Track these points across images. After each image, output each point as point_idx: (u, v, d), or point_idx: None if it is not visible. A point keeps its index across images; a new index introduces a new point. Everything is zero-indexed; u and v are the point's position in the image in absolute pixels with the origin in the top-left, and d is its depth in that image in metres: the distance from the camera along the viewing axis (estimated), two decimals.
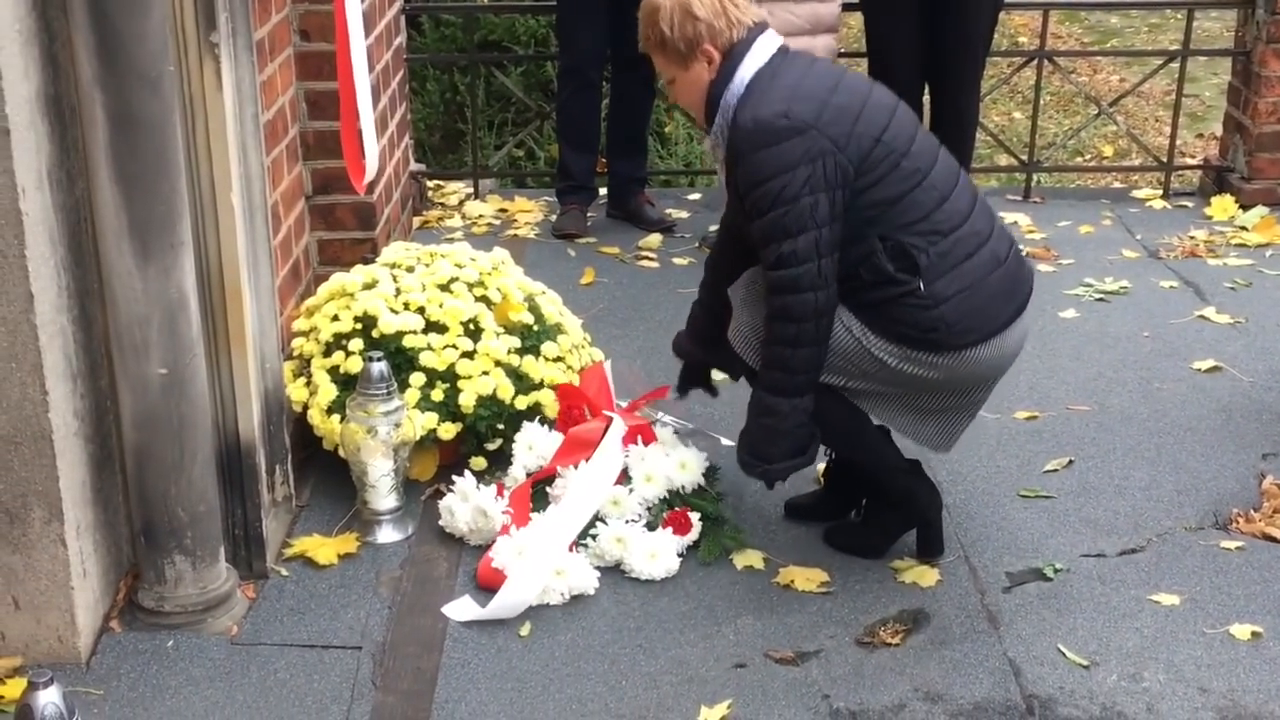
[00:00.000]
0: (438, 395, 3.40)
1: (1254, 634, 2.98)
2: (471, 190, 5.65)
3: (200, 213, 2.90)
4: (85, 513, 2.81)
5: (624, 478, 3.32)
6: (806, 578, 3.18)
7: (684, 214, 5.46)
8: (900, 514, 3.25)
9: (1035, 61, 5.73)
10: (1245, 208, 5.36)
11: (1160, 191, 5.69)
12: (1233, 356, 4.22)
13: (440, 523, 3.33)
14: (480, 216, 5.40)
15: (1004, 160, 6.04)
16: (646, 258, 5.04)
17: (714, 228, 5.17)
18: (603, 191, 5.43)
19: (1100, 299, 4.67)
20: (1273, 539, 3.31)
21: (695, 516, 3.27)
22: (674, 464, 3.35)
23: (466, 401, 3.39)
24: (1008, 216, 5.39)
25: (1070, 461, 3.65)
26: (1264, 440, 3.74)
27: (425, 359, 3.40)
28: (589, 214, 5.31)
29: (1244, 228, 5.23)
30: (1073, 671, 2.88)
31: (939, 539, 3.24)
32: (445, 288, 3.52)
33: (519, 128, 6.40)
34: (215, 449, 3.00)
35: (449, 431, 3.41)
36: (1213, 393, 4.01)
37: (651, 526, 3.25)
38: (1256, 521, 3.36)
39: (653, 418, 3.54)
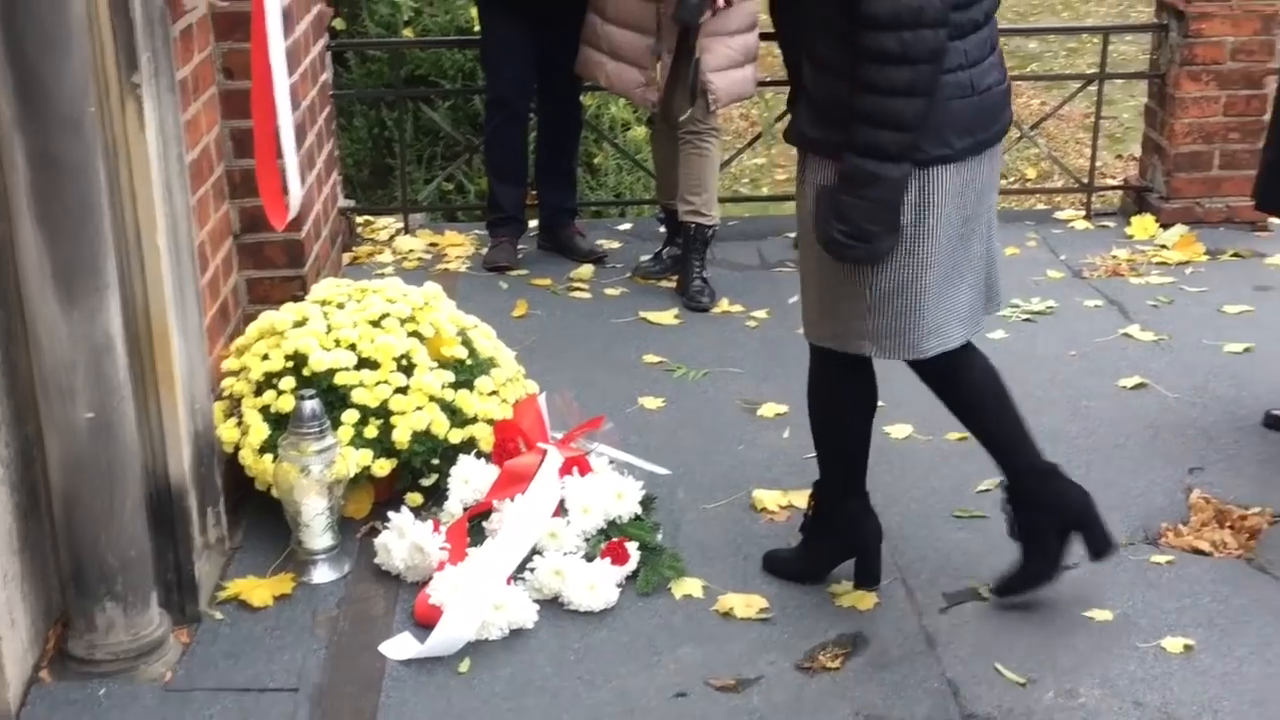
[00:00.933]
0: (371, 432, 3.37)
1: (1186, 647, 3.02)
2: (402, 225, 5.64)
3: (126, 254, 2.87)
4: (12, 561, 2.76)
5: (561, 510, 3.32)
6: (745, 604, 3.18)
7: (615, 244, 5.47)
8: (840, 541, 3.24)
9: None
10: (1165, 226, 5.45)
11: (1083, 212, 5.78)
12: (1158, 373, 4.29)
13: (376, 560, 3.31)
14: (411, 251, 5.38)
15: None
16: (578, 289, 5.04)
17: (645, 257, 5.20)
18: (533, 223, 5.43)
19: (1027, 319, 4.73)
20: (1201, 552, 3.36)
21: (633, 547, 3.27)
22: (610, 495, 3.35)
23: (401, 437, 3.37)
24: None
25: (1003, 480, 3.68)
26: (1190, 455, 3.80)
27: (358, 396, 3.38)
28: (520, 246, 5.31)
29: (1164, 246, 5.32)
30: (1010, 690, 2.90)
31: (877, 569, 3.24)
32: (377, 324, 3.51)
33: (448, 162, 6.39)
34: (145, 493, 2.96)
35: (384, 468, 3.39)
36: (1139, 410, 4.07)
37: (589, 558, 3.25)
38: (1185, 535, 3.41)
39: (588, 449, 3.53)
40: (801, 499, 3.57)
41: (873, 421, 3.19)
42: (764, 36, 5.06)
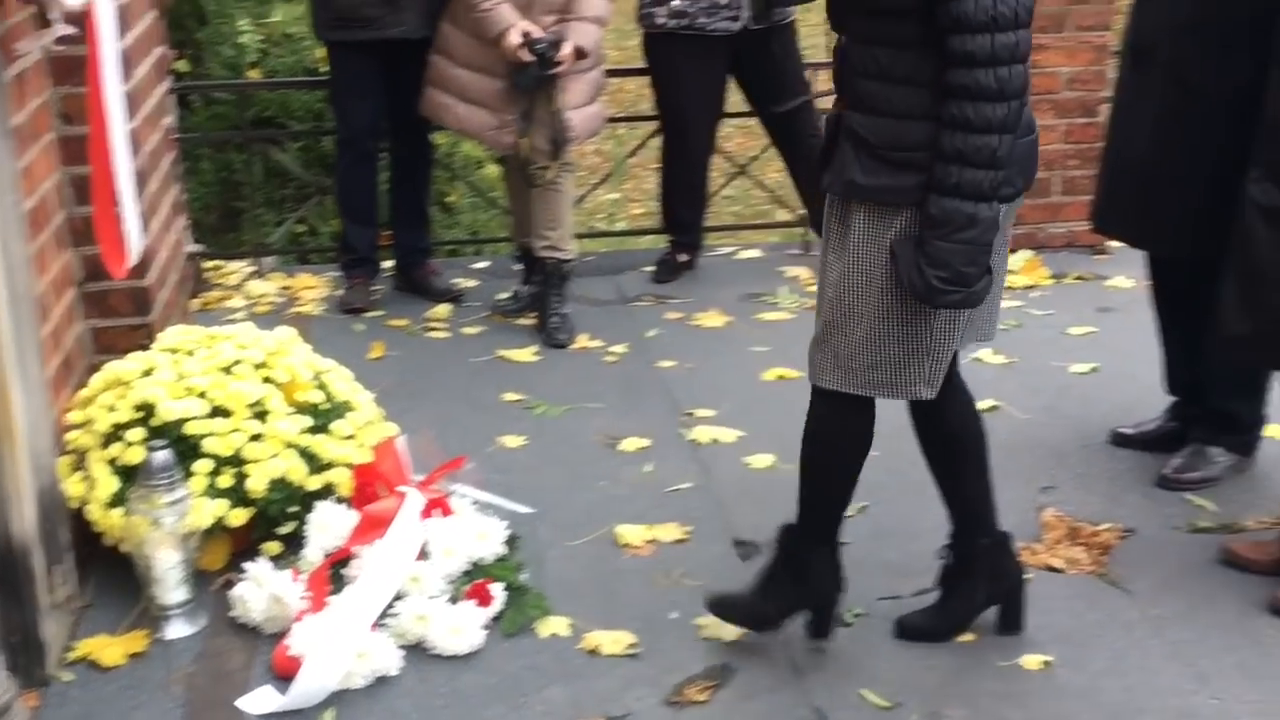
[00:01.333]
0: (225, 481, 3.30)
1: (1044, 663, 3.07)
2: (253, 269, 5.55)
3: None
4: None
5: (423, 553, 3.27)
6: (612, 640, 3.16)
7: (471, 283, 5.44)
8: (801, 591, 3.09)
9: None
10: (1011, 251, 5.58)
11: None
12: (1009, 395, 4.38)
13: (233, 613, 3.23)
14: (263, 295, 5.30)
15: (782, 215, 6.18)
16: (436, 329, 5.00)
17: (503, 295, 5.18)
18: (388, 264, 5.39)
19: None
20: (1055, 569, 3.43)
21: (497, 587, 3.24)
22: (473, 536, 3.32)
23: (256, 486, 3.30)
24: (788, 271, 5.53)
25: (864, 507, 3.73)
26: (1042, 474, 3.88)
27: (210, 445, 3.31)
28: (375, 287, 5.26)
29: (1011, 271, 5.45)
30: (877, 715, 2.93)
31: (830, 624, 3.12)
32: (228, 370, 3.44)
33: (299, 203, 6.31)
34: None
35: (239, 518, 3.31)
36: (992, 432, 4.08)
37: (454, 600, 3.21)
38: (1040, 553, 3.48)
39: (450, 490, 3.50)
40: (665, 532, 3.60)
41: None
42: (611, 73, 5.11)
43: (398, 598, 3.18)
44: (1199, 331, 3.63)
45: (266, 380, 3.46)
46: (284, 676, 3.00)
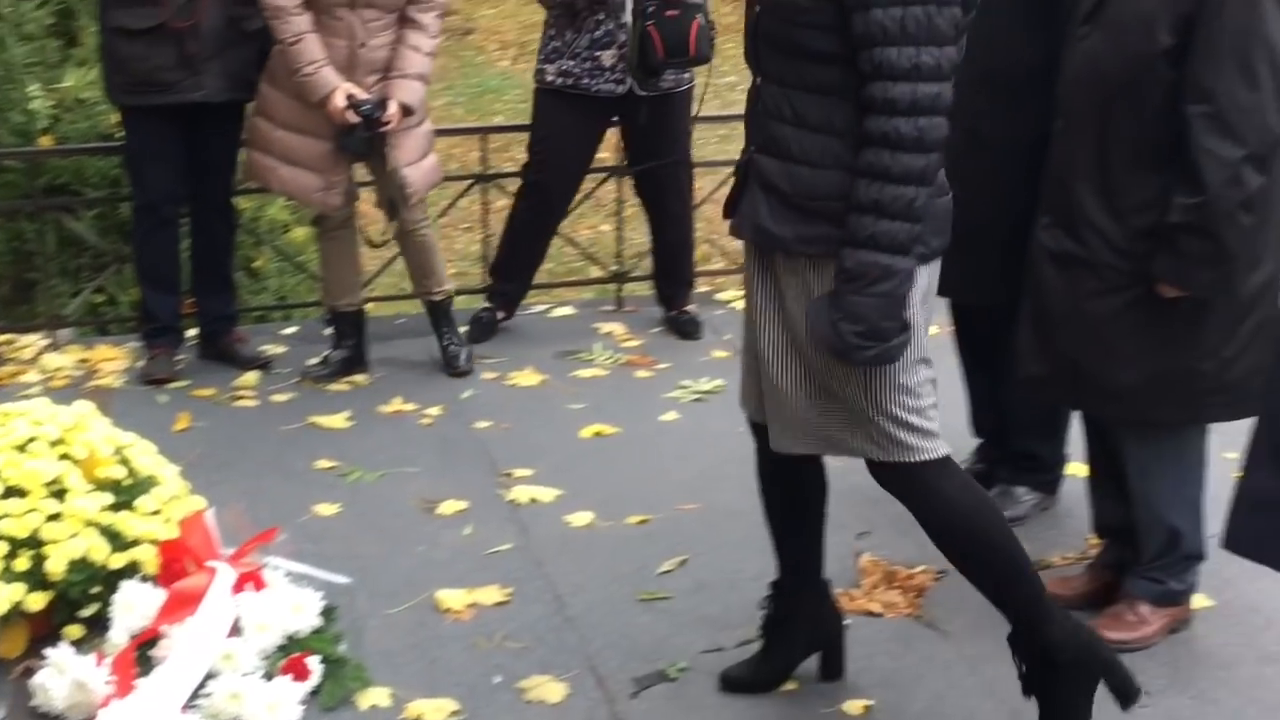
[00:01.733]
0: (22, 564, 3.15)
1: (866, 708, 3.11)
2: (47, 342, 5.35)
3: None
4: None
5: (235, 629, 3.17)
6: (435, 709, 3.11)
7: (280, 349, 5.33)
8: (1072, 676, 2.82)
9: (613, 175, 5.95)
10: None
11: (743, 292, 5.96)
12: None
13: (34, 703, 3.07)
14: (59, 369, 5.10)
15: (595, 272, 6.20)
16: (244, 397, 4.88)
17: (313, 360, 5.08)
18: (192, 332, 5.25)
19: (697, 399, 4.84)
20: (874, 614, 3.48)
21: (315, 660, 3.16)
22: (287, 609, 3.23)
23: (55, 567, 3.16)
24: (602, 327, 5.55)
25: (684, 560, 3.74)
26: (857, 521, 3.93)
27: (5, 526, 3.16)
28: (179, 356, 5.11)
29: None
30: None
31: (1129, 689, 2.85)
32: (22, 449, 3.29)
33: (96, 272, 6.09)
34: None
35: (38, 602, 3.16)
36: None
37: (269, 676, 3.11)
38: (858, 599, 3.54)
39: (262, 563, 3.40)
40: (486, 595, 3.56)
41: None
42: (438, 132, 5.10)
43: (210, 677, 3.07)
44: (1001, 375, 3.74)
45: (64, 457, 3.32)
46: None
